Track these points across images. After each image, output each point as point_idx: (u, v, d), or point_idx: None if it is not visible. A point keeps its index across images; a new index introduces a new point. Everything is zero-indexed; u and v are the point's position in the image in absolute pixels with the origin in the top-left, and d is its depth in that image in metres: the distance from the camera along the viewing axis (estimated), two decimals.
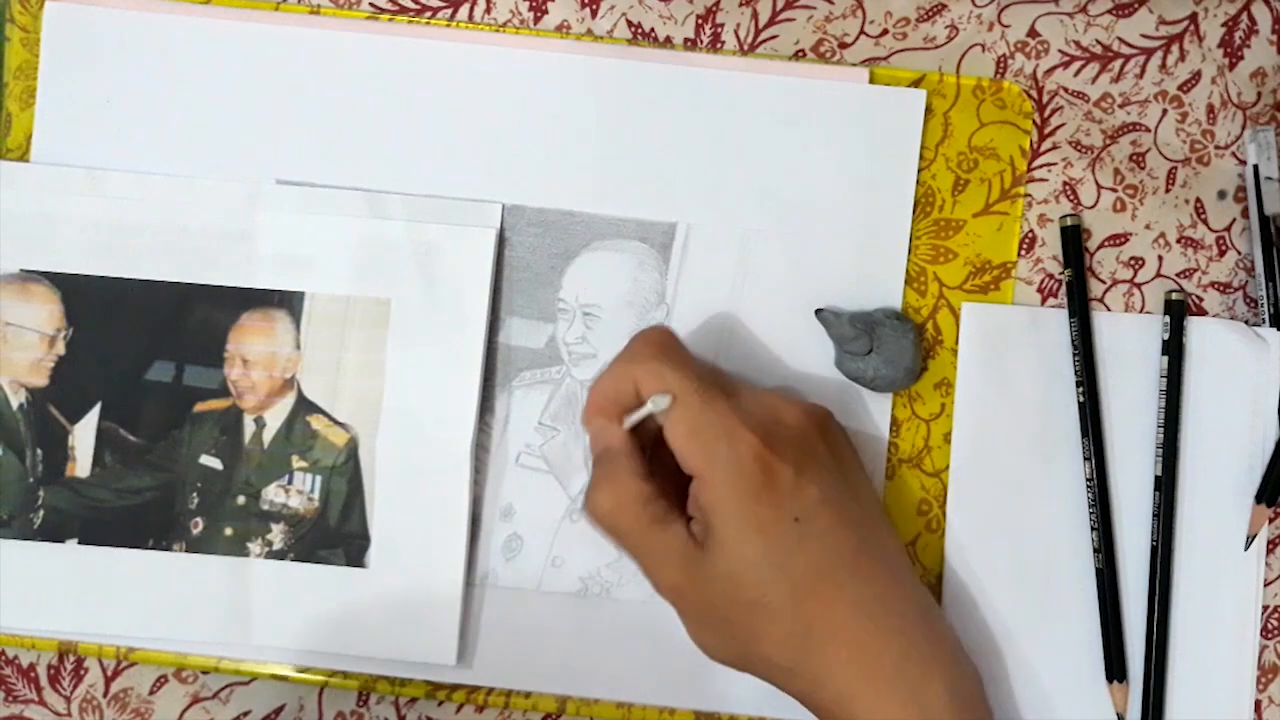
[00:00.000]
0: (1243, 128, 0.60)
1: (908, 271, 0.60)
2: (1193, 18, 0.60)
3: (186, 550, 0.59)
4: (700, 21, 0.60)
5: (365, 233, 0.59)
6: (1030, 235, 0.60)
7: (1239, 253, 0.60)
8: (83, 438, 0.59)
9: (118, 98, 0.60)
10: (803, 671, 0.51)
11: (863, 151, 0.60)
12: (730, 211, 0.60)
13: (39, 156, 0.60)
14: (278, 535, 0.59)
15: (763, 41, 0.60)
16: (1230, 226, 0.60)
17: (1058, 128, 0.60)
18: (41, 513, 0.59)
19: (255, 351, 0.59)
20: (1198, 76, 0.60)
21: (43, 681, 0.60)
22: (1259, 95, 0.60)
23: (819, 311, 0.59)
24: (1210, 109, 0.60)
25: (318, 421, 0.59)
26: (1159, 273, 0.60)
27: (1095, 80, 0.60)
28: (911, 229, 0.60)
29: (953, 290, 0.60)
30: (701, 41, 0.60)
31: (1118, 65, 0.60)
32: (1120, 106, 0.60)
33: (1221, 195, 0.60)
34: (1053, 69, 0.60)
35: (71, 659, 0.60)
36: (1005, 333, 0.59)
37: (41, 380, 0.59)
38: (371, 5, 0.60)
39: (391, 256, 0.59)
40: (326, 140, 0.60)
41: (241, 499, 0.59)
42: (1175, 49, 0.60)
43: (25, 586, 0.59)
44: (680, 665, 0.58)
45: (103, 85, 0.60)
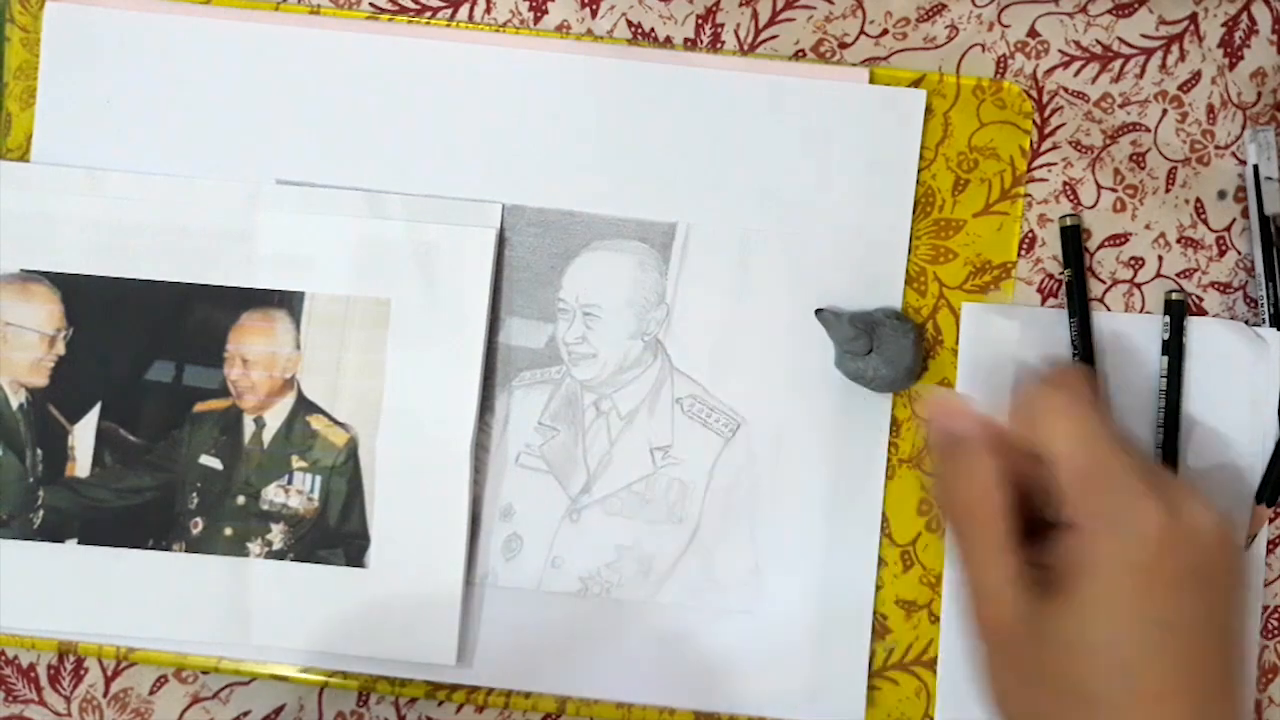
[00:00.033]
0: (1243, 128, 0.60)
1: (908, 271, 0.60)
2: (1193, 18, 0.60)
3: (186, 550, 0.59)
4: (700, 21, 0.60)
5: (365, 233, 0.59)
6: (1030, 235, 0.60)
7: (1239, 253, 0.60)
8: (83, 438, 0.59)
9: (118, 98, 0.60)
10: None
11: (863, 151, 0.60)
12: (730, 211, 0.60)
13: (39, 156, 0.60)
14: (277, 535, 0.59)
15: (763, 41, 0.60)
16: (1230, 226, 0.60)
17: (1058, 128, 0.60)
18: (41, 513, 0.59)
19: (255, 351, 0.59)
20: (1198, 76, 0.60)
21: (43, 681, 0.60)
22: (1259, 95, 0.60)
23: (819, 311, 0.58)
24: (1210, 109, 0.60)
25: (317, 421, 0.59)
26: (1159, 273, 0.60)
27: (1095, 80, 0.60)
28: (911, 229, 0.60)
29: (953, 290, 0.60)
30: (701, 41, 0.60)
31: (1118, 65, 0.60)
32: (1120, 106, 0.60)
33: (1221, 195, 0.60)
34: (1053, 69, 0.60)
35: (71, 659, 0.60)
36: (1004, 333, 0.59)
37: (41, 380, 0.59)
38: (371, 5, 0.60)
39: (391, 256, 0.59)
40: (326, 140, 0.60)
41: (241, 499, 0.59)
42: (1175, 49, 0.60)
43: (25, 586, 0.59)
44: (680, 665, 0.58)
45: (103, 85, 0.60)
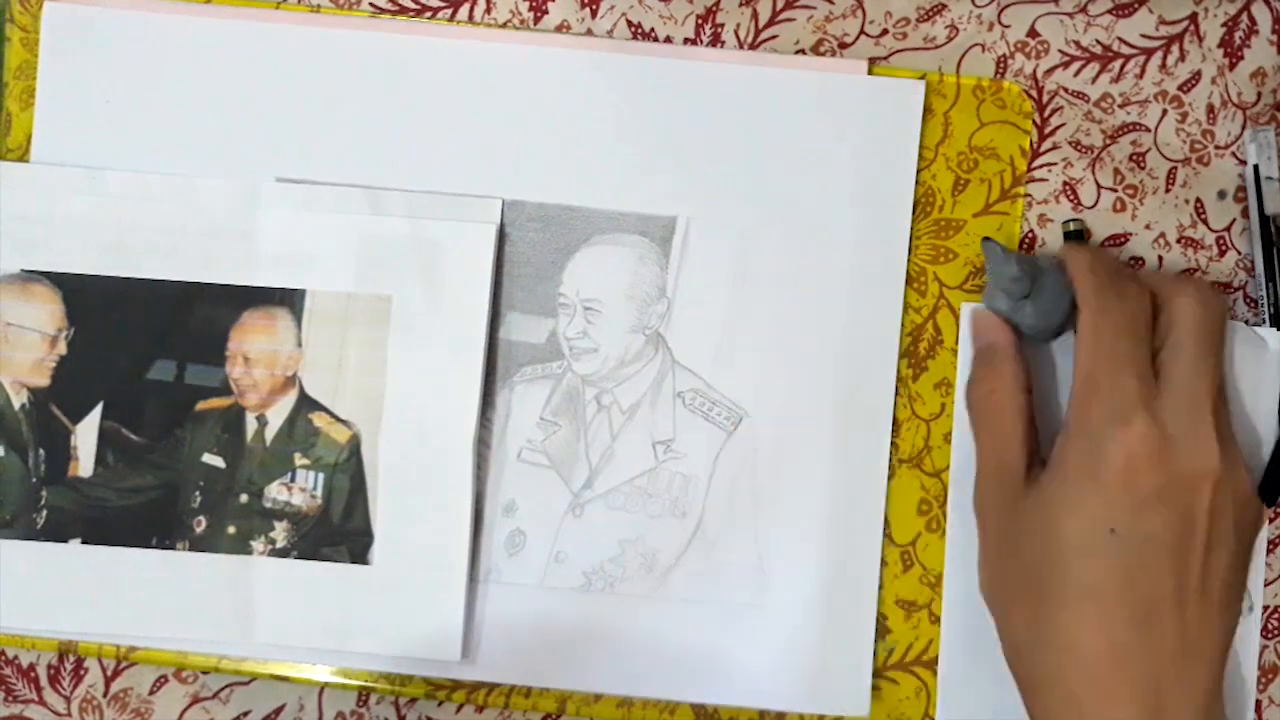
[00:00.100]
0: (1243, 128, 0.60)
1: (908, 271, 0.60)
2: (1193, 18, 0.61)
3: (190, 549, 0.59)
4: (700, 21, 0.60)
5: (366, 230, 0.59)
6: (1030, 235, 0.60)
7: (1239, 253, 0.60)
8: (85, 437, 0.59)
9: (117, 97, 0.60)
10: (1032, 667, 0.51)
11: (862, 143, 0.60)
12: (730, 205, 0.60)
13: (39, 156, 0.60)
14: (281, 533, 0.59)
15: (763, 41, 0.60)
16: (1230, 226, 0.60)
17: (1058, 128, 0.60)
18: (44, 513, 0.59)
19: (257, 349, 0.59)
20: (1198, 76, 0.61)
21: (43, 681, 0.60)
22: (1259, 95, 0.60)
23: (986, 240, 0.57)
24: (1210, 109, 0.60)
25: (320, 419, 0.59)
26: None
27: (1095, 80, 0.60)
28: (912, 229, 0.60)
29: (953, 290, 0.60)
30: (701, 41, 0.60)
31: (1118, 65, 0.60)
32: (1120, 106, 0.60)
33: (1221, 195, 0.60)
34: (1053, 69, 0.60)
35: (71, 659, 0.60)
36: (1004, 333, 0.59)
37: (43, 380, 0.59)
38: (371, 5, 0.60)
39: (392, 253, 0.59)
40: (326, 138, 0.60)
41: (244, 497, 0.59)
42: (1175, 49, 0.60)
43: (29, 586, 0.58)
44: (684, 659, 0.59)
45: (102, 85, 0.60)
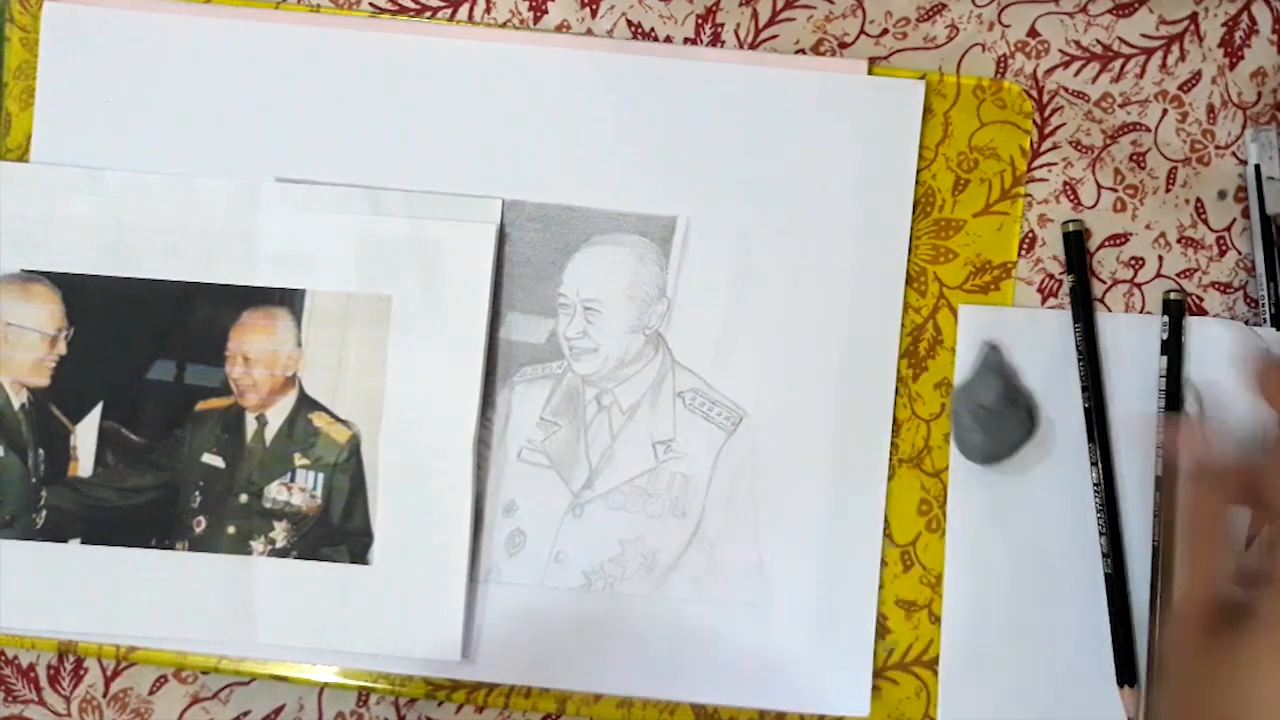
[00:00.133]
0: (1243, 128, 0.60)
1: (908, 271, 0.60)
2: (1193, 18, 0.60)
3: (189, 549, 0.59)
4: (700, 21, 0.60)
5: (365, 230, 0.59)
6: (1030, 235, 0.60)
7: (1239, 253, 0.60)
8: (85, 437, 0.59)
9: (117, 97, 0.60)
10: None
11: (863, 142, 0.60)
12: (730, 204, 0.60)
13: (39, 156, 0.60)
14: (281, 533, 0.59)
15: (763, 41, 0.60)
16: (1230, 226, 0.60)
17: (1058, 128, 0.60)
18: (44, 513, 0.59)
19: (256, 349, 0.59)
20: (1198, 76, 0.60)
21: (42, 682, 0.60)
22: (1259, 95, 0.60)
23: (993, 348, 0.59)
24: (1210, 109, 0.60)
25: (320, 419, 0.59)
26: (1159, 273, 0.60)
27: (1095, 80, 0.60)
28: (912, 229, 0.60)
29: (953, 290, 0.60)
30: (701, 41, 0.60)
31: (1118, 65, 0.60)
32: (1120, 106, 0.60)
33: (1222, 195, 0.60)
34: (1053, 69, 0.60)
35: (71, 659, 0.60)
36: (1004, 334, 0.60)
37: (43, 380, 0.59)
38: (371, 5, 0.60)
39: (392, 253, 0.59)
40: (326, 138, 0.60)
41: (244, 497, 0.59)
42: (1175, 49, 0.60)
43: (29, 586, 0.59)
44: (684, 659, 0.59)
45: (102, 85, 0.60)
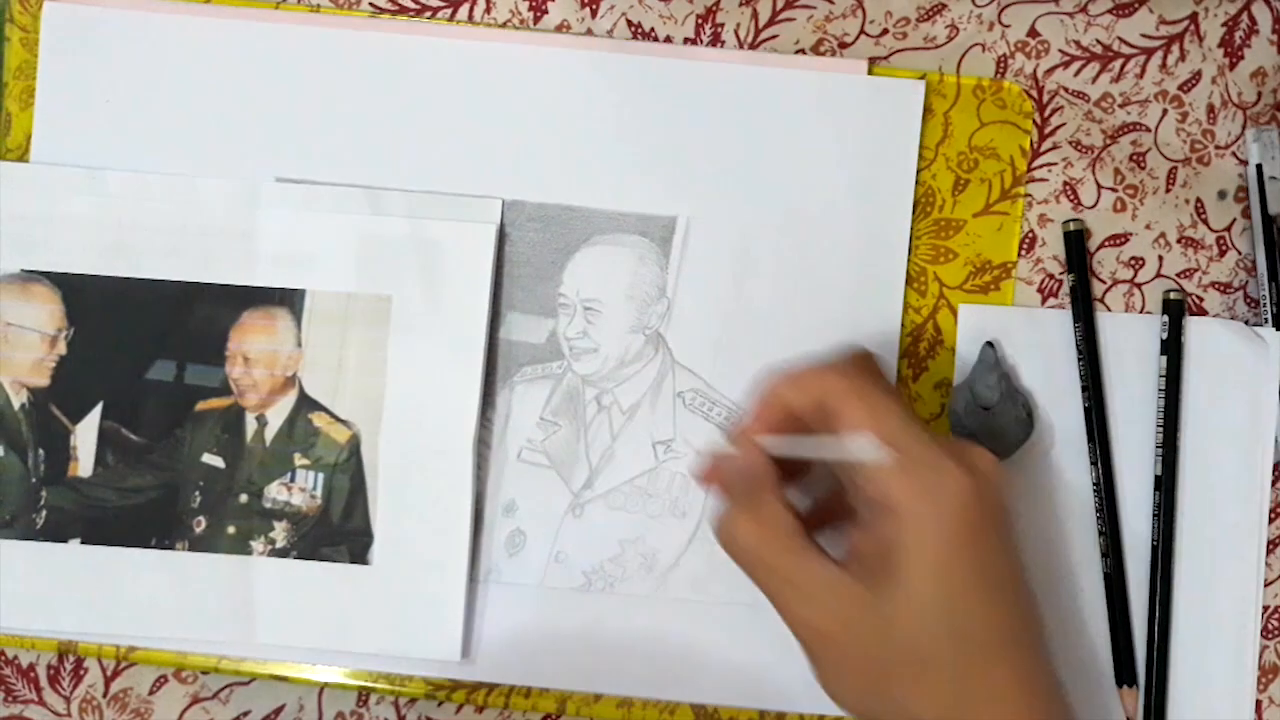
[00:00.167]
0: (1243, 128, 0.60)
1: (908, 271, 0.60)
2: (1193, 18, 0.61)
3: (189, 549, 0.59)
4: (700, 21, 0.60)
5: (365, 229, 0.59)
6: (1030, 235, 0.60)
7: (1239, 253, 0.60)
8: (85, 437, 0.59)
9: (117, 97, 0.60)
10: None
11: (862, 143, 0.60)
12: (730, 205, 0.60)
13: (39, 156, 0.60)
14: (281, 533, 0.59)
15: (763, 41, 0.60)
16: (1230, 226, 0.60)
17: (1058, 128, 0.60)
18: (44, 513, 0.59)
19: (256, 349, 0.59)
20: (1198, 76, 0.60)
21: (42, 682, 0.60)
22: (1259, 95, 0.60)
23: (988, 343, 0.59)
24: (1210, 109, 0.60)
25: (320, 419, 0.59)
26: (1159, 273, 0.60)
27: (1095, 80, 0.60)
28: (912, 229, 0.60)
29: (953, 290, 0.60)
30: (701, 41, 0.60)
31: (1118, 65, 0.60)
32: (1120, 106, 0.60)
33: (1222, 195, 0.60)
34: (1053, 69, 0.60)
35: (71, 659, 0.60)
36: (1004, 334, 0.60)
37: (43, 380, 0.59)
38: (371, 5, 0.60)
39: (392, 253, 0.59)
40: (326, 138, 0.60)
41: (244, 497, 0.59)
42: (1175, 49, 0.60)
43: (29, 586, 0.58)
44: (684, 658, 0.59)
45: (102, 85, 0.60)
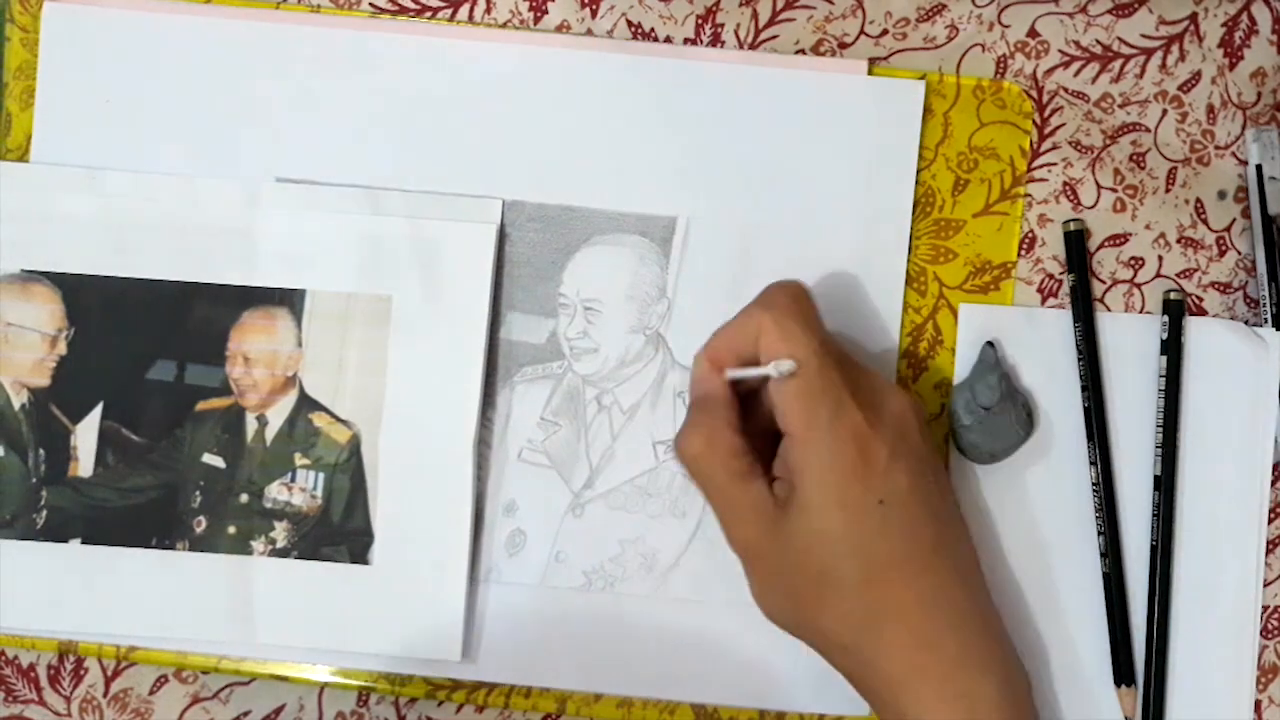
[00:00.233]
0: (1243, 128, 0.60)
1: (908, 271, 0.60)
2: (1193, 18, 0.61)
3: (190, 549, 0.59)
4: (700, 21, 0.60)
5: (366, 230, 0.59)
6: (1030, 235, 0.60)
7: (1239, 253, 0.60)
8: (85, 437, 0.59)
9: (118, 97, 0.60)
10: (858, 651, 0.51)
11: (862, 143, 0.60)
12: (730, 205, 0.60)
13: (39, 156, 0.60)
14: (281, 533, 0.59)
15: (763, 41, 0.60)
16: (1230, 226, 0.60)
17: (1058, 128, 0.60)
18: (44, 513, 0.59)
19: (257, 349, 0.59)
20: (1198, 76, 0.61)
21: (43, 682, 0.60)
22: (1259, 95, 0.60)
23: (988, 343, 0.59)
24: (1210, 109, 0.60)
25: (320, 419, 0.59)
26: (1159, 273, 0.60)
27: (1095, 80, 0.60)
28: (912, 229, 0.60)
29: (953, 290, 0.60)
30: (701, 41, 0.60)
31: (1118, 65, 0.60)
32: (1120, 106, 0.60)
33: (1222, 195, 0.60)
34: (1053, 69, 0.60)
35: (71, 659, 0.60)
36: (1004, 333, 0.60)
37: (43, 380, 0.59)
38: (371, 5, 0.60)
39: (392, 253, 0.59)
40: (326, 138, 0.60)
41: (244, 497, 0.59)
42: (1175, 49, 0.60)
43: (29, 586, 0.58)
44: (684, 658, 0.59)
45: (102, 85, 0.60)
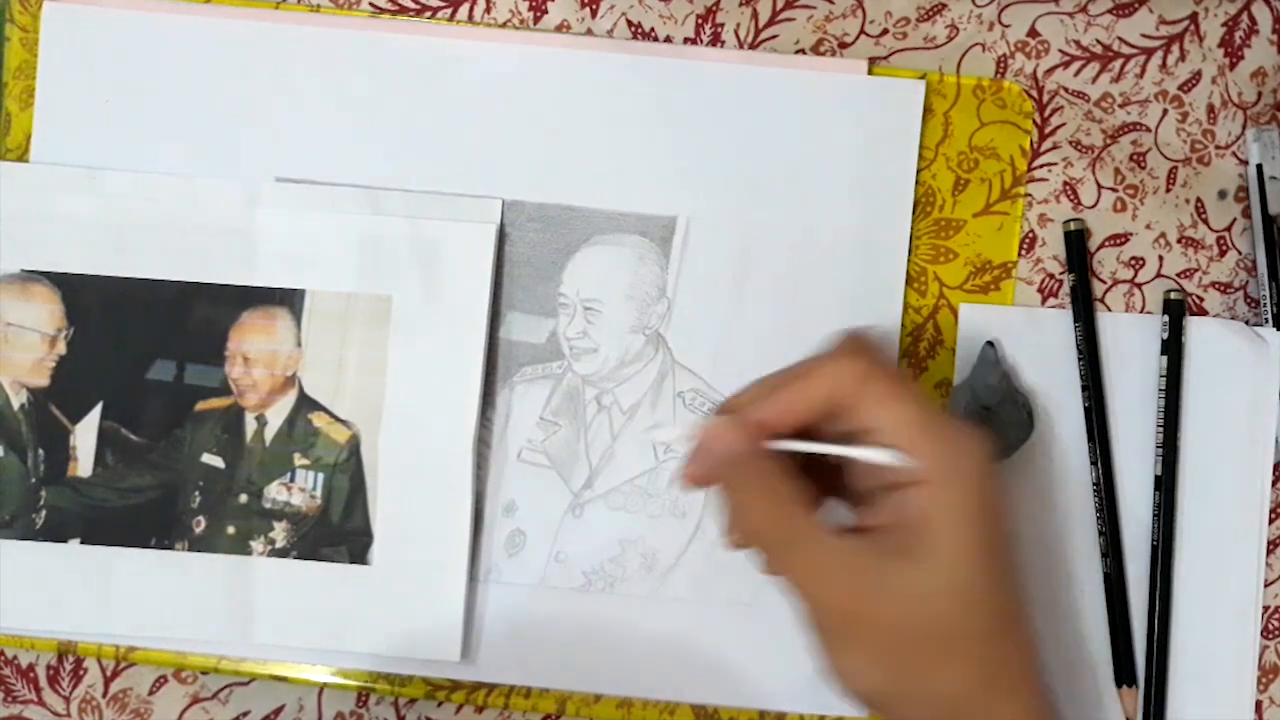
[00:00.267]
0: (1243, 128, 0.60)
1: (908, 271, 0.60)
2: (1193, 18, 0.60)
3: (189, 549, 0.59)
4: (700, 21, 0.60)
5: (365, 229, 0.59)
6: (1030, 235, 0.60)
7: (1239, 253, 0.60)
8: (84, 437, 0.59)
9: (117, 97, 0.60)
10: (971, 713, 0.45)
11: (863, 142, 0.60)
12: (730, 205, 0.60)
13: (39, 156, 0.60)
14: (280, 533, 0.59)
15: (763, 41, 0.60)
16: (1231, 226, 0.60)
17: (1058, 127, 0.60)
18: (44, 513, 0.59)
19: (256, 349, 0.59)
20: (1198, 76, 0.60)
21: (42, 682, 0.60)
22: (1259, 95, 0.60)
23: (989, 343, 0.59)
24: (1210, 109, 0.60)
25: (319, 419, 0.59)
26: (1159, 273, 0.60)
27: (1095, 80, 0.60)
28: (912, 229, 0.60)
29: (953, 290, 0.60)
30: (701, 41, 0.60)
31: (1118, 65, 0.60)
32: (1120, 106, 0.60)
33: (1222, 195, 0.60)
34: (1053, 69, 0.60)
35: (71, 659, 0.60)
36: (1004, 333, 0.60)
37: (43, 380, 0.59)
38: (371, 5, 0.60)
39: (392, 253, 0.59)
40: (326, 138, 0.60)
41: (244, 497, 0.59)
42: (1175, 49, 0.60)
43: (28, 586, 0.58)
44: (684, 658, 0.59)
45: (102, 85, 0.60)
